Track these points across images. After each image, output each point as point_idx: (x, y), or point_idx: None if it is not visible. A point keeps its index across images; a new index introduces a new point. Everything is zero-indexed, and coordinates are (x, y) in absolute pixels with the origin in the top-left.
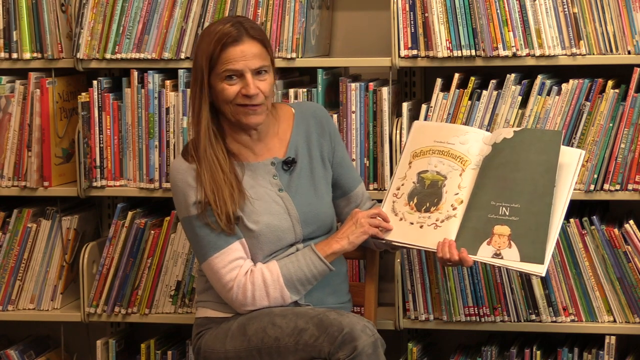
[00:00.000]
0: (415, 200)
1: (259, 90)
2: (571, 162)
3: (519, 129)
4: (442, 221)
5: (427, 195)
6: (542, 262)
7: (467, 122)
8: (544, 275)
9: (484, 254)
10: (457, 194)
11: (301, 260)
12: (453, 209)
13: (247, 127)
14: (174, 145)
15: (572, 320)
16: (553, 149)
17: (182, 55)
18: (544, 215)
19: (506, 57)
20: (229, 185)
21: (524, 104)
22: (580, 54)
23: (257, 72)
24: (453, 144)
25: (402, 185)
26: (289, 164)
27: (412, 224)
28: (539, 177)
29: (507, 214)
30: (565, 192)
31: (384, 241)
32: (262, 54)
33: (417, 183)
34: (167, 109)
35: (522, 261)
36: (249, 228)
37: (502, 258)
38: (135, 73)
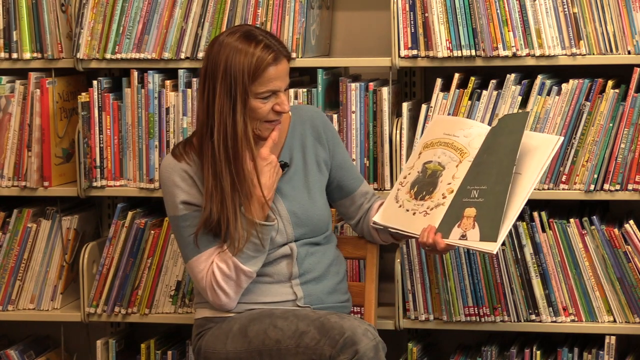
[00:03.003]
0: (415, 189)
1: None
2: (546, 146)
3: (501, 116)
4: (432, 209)
5: (426, 184)
6: (494, 240)
7: None
8: (494, 253)
9: (453, 236)
10: (449, 183)
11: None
12: (443, 198)
13: (262, 138)
14: (174, 145)
15: (572, 320)
16: (519, 129)
17: (182, 55)
18: (502, 195)
19: (506, 57)
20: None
21: (524, 104)
22: (580, 54)
23: (285, 88)
24: (457, 136)
25: (409, 174)
26: (281, 167)
27: (407, 210)
28: (504, 158)
29: (476, 196)
30: (533, 175)
31: (381, 226)
32: (289, 70)
33: (421, 172)
34: (167, 109)
35: (481, 241)
36: None
37: (466, 239)
38: (135, 73)
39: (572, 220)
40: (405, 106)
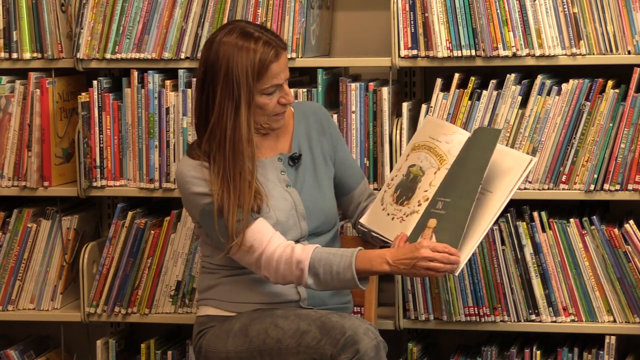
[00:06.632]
0: (398, 192)
1: None
2: (518, 167)
3: (478, 128)
4: (407, 215)
5: (406, 188)
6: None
7: (467, 122)
8: (456, 275)
9: None
10: (426, 190)
11: (335, 263)
12: (418, 205)
13: (274, 130)
14: (174, 145)
15: (572, 320)
16: (489, 147)
17: (182, 55)
18: (464, 213)
19: (506, 57)
20: (254, 189)
21: (524, 104)
22: (580, 54)
23: (286, 79)
24: (440, 141)
25: (396, 176)
26: (295, 159)
27: (388, 214)
28: (471, 174)
29: (440, 207)
30: (502, 195)
31: (366, 229)
32: (287, 61)
33: (405, 176)
34: (167, 109)
35: None
36: None
37: None
38: (135, 73)
39: (572, 220)
40: (405, 106)
